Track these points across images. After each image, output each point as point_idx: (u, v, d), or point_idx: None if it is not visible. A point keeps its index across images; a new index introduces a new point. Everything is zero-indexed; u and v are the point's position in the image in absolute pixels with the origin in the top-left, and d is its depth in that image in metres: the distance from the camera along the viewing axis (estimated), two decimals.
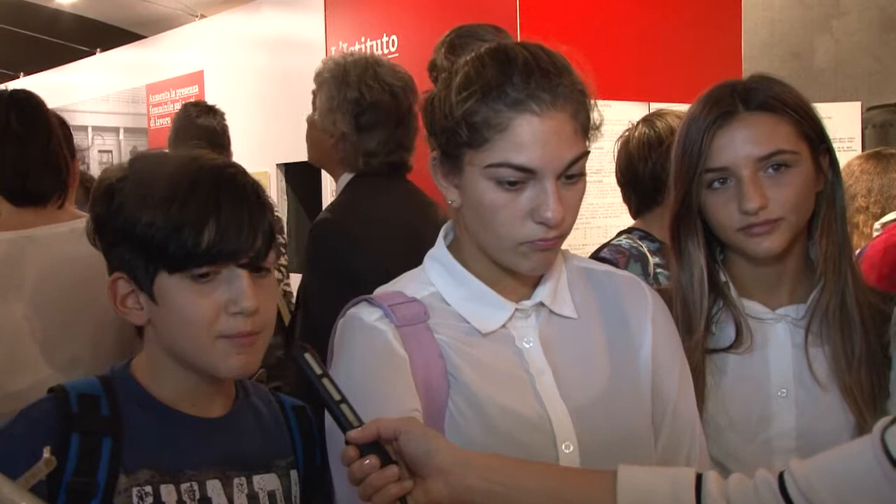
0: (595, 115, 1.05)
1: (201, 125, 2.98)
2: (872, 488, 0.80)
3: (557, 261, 1.11)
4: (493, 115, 0.98)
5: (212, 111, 3.06)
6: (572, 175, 1.00)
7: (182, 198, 1.00)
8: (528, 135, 0.98)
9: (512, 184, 0.99)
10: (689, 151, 1.22)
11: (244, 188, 1.04)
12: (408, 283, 1.11)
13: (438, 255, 1.11)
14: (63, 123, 1.88)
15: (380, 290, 1.11)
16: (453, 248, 1.11)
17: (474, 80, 1.00)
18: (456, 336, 1.06)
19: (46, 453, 0.83)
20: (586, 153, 1.02)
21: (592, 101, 1.04)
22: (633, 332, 1.10)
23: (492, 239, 1.03)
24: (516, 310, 1.07)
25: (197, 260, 0.99)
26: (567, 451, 1.02)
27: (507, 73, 0.99)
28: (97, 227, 1.07)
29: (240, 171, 1.06)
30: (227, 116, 3.13)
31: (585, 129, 1.02)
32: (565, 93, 0.99)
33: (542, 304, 1.08)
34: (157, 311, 1.03)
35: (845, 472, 0.83)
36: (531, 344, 1.06)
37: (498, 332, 1.06)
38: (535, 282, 1.09)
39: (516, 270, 1.05)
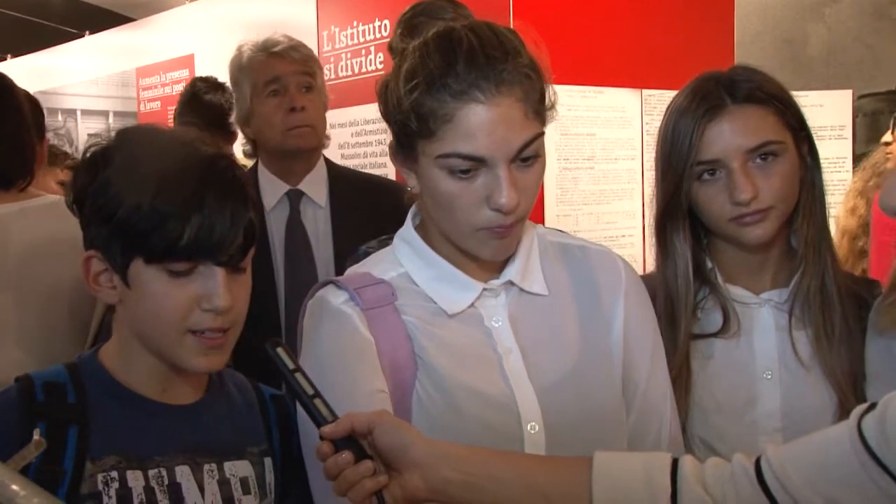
0: (550, 94, 1.03)
1: (208, 101, 2.95)
2: (848, 477, 0.80)
3: (528, 236, 1.10)
4: (438, 106, 0.97)
5: (221, 88, 3.03)
6: (527, 158, 0.99)
7: (169, 188, 0.98)
8: (475, 124, 0.96)
9: (464, 172, 0.98)
10: (679, 145, 1.24)
11: (231, 183, 1.02)
12: (377, 264, 1.11)
13: (407, 236, 1.11)
14: (34, 103, 1.87)
15: (349, 271, 1.11)
16: (420, 229, 1.11)
17: (419, 70, 0.99)
18: (423, 317, 1.06)
19: (36, 435, 0.83)
20: (540, 135, 1.00)
21: (546, 81, 1.02)
22: (606, 308, 1.10)
23: (451, 226, 1.03)
24: (484, 289, 1.07)
25: (176, 255, 0.98)
26: (532, 432, 1.02)
27: (450, 62, 0.98)
28: (77, 199, 1.04)
29: (229, 164, 1.04)
30: None
31: (538, 110, 1.01)
32: (511, 77, 0.97)
33: (511, 283, 1.08)
34: (130, 294, 1.02)
35: (821, 460, 0.83)
36: (499, 323, 1.06)
37: (466, 312, 1.07)
38: (504, 260, 1.08)
39: (477, 256, 1.05)
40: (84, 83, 5.99)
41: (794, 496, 0.82)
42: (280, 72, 2.01)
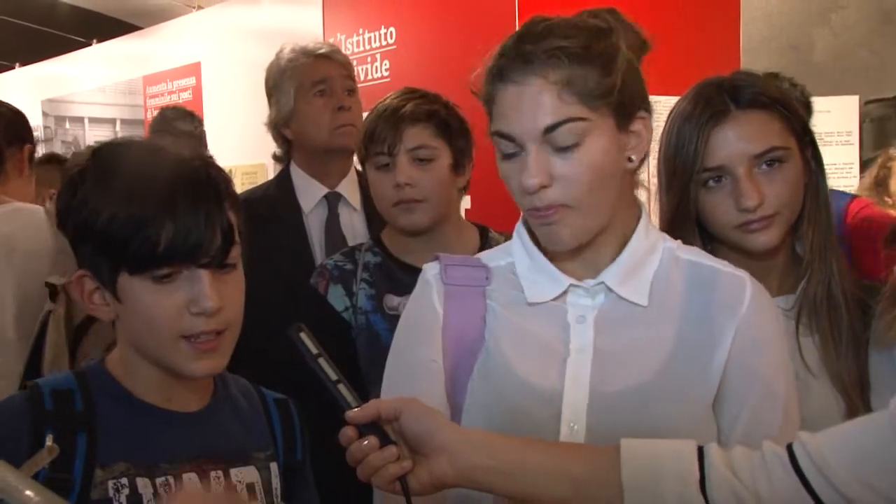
0: (616, 80, 1.01)
1: (178, 129, 2.99)
2: (887, 459, 0.81)
3: (645, 244, 1.08)
4: (488, 89, 1.03)
5: (189, 116, 3.08)
6: (564, 144, 0.99)
7: (140, 196, 0.98)
8: (506, 103, 1.01)
9: (509, 155, 1.02)
10: (684, 152, 1.24)
11: (203, 184, 1.01)
12: (493, 252, 1.17)
13: (519, 229, 1.14)
14: (15, 113, 1.89)
15: (467, 256, 1.17)
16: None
17: (488, 58, 1.05)
18: (507, 304, 1.09)
19: (49, 441, 0.83)
20: (576, 119, 0.99)
21: (616, 72, 1.01)
22: (714, 331, 1.06)
23: (523, 210, 1.06)
24: (572, 286, 1.07)
25: (155, 262, 0.98)
26: (571, 433, 1.02)
27: (503, 46, 1.03)
28: (60, 220, 1.05)
29: (202, 166, 1.04)
30: (224, 108, 3.15)
31: (586, 95, 0.99)
32: (542, 58, 0.99)
33: (607, 286, 1.07)
34: (122, 309, 1.02)
35: (860, 445, 0.84)
36: (581, 322, 1.06)
37: (550, 305, 1.08)
38: (608, 262, 1.07)
39: (541, 241, 1.06)
40: (91, 91, 6.01)
41: (832, 481, 0.82)
42: (327, 73, 2.06)
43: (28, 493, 0.72)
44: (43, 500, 0.73)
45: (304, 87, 2.05)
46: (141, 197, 0.98)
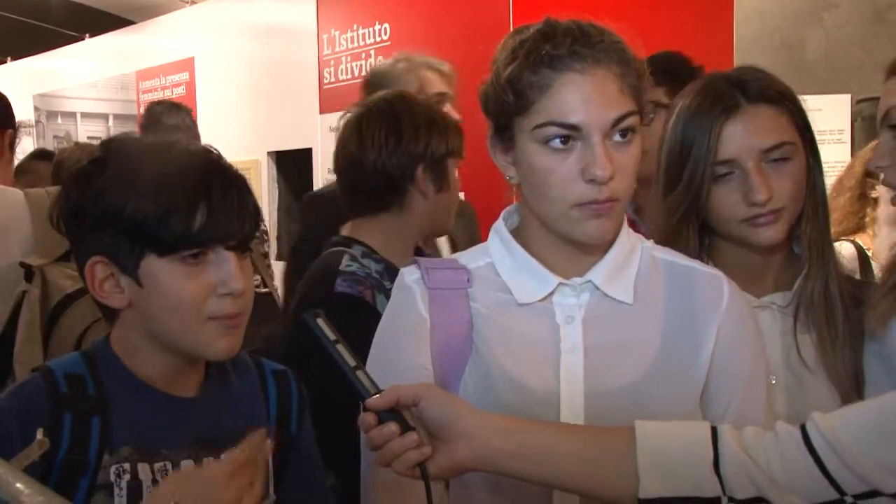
0: (645, 81, 1.05)
1: (168, 124, 2.98)
2: None
3: (627, 245, 1.09)
4: (535, 77, 1.00)
5: (175, 108, 3.07)
6: (624, 134, 1.01)
7: (173, 183, 1.01)
8: (571, 92, 0.99)
9: (564, 141, 1.00)
10: (696, 146, 1.22)
11: (230, 172, 1.06)
12: (468, 254, 1.15)
13: (497, 228, 1.13)
14: None
15: (444, 258, 1.15)
16: (518, 230, 1.12)
17: (518, 46, 1.03)
18: (493, 306, 1.08)
19: (39, 435, 0.84)
20: (635, 112, 1.02)
21: (641, 67, 1.04)
22: (698, 329, 1.08)
23: (546, 206, 1.04)
24: (561, 284, 1.07)
25: (188, 243, 1.00)
26: None
27: (548, 36, 1.02)
28: (72, 213, 1.06)
29: (221, 156, 1.08)
30: (217, 103, 3.14)
31: (634, 89, 1.03)
32: (607, 51, 1.01)
33: (594, 285, 1.07)
34: (142, 293, 1.03)
35: (872, 423, 0.85)
36: (571, 321, 1.06)
37: (537, 306, 1.07)
38: (596, 261, 1.08)
39: (572, 238, 1.05)
40: (84, 86, 6.00)
41: (845, 459, 0.83)
42: (446, 89, 2.13)
43: (18, 485, 0.72)
44: (33, 492, 0.73)
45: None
46: (174, 180, 1.01)
